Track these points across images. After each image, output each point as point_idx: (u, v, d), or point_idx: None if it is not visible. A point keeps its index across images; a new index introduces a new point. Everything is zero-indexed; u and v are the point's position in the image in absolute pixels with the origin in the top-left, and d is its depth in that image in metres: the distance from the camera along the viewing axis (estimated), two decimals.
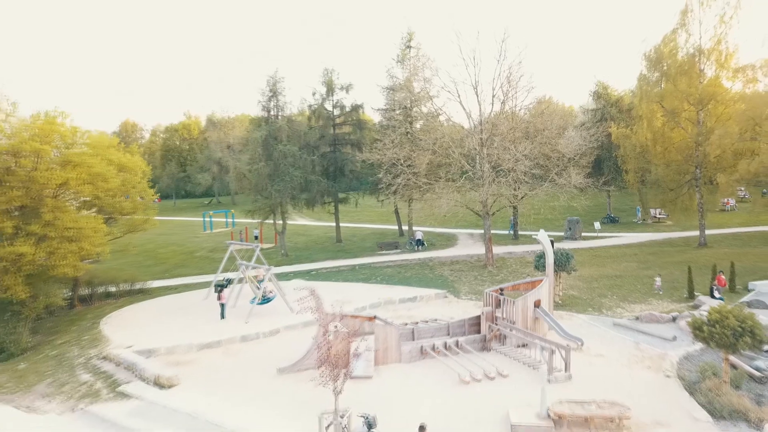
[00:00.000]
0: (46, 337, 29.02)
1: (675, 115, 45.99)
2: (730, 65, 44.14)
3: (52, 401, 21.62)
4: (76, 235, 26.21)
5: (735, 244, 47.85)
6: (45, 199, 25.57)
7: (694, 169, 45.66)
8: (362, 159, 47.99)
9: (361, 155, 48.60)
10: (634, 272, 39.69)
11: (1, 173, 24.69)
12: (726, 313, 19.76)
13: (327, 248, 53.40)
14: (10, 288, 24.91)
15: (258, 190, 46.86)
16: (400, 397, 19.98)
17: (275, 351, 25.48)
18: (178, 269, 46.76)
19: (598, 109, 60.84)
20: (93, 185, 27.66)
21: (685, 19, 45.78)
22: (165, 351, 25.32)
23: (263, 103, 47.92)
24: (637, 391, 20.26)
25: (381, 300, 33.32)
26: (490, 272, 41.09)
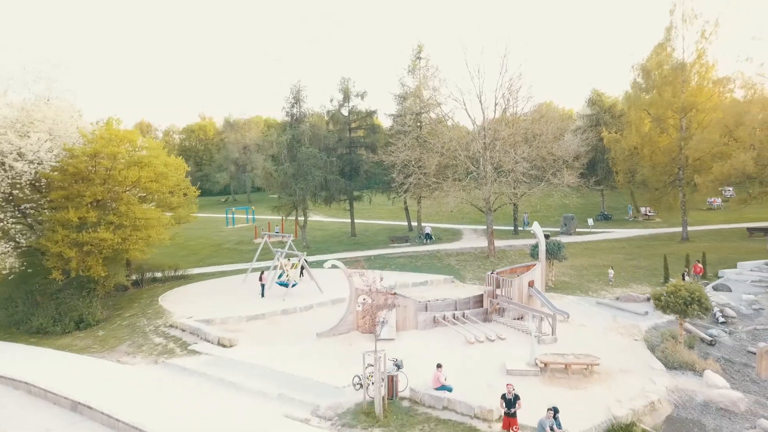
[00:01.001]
0: (113, 312, 34.08)
1: (661, 121, 50.89)
2: (710, 77, 49.03)
3: (136, 357, 26.72)
4: (145, 224, 31.25)
5: (715, 239, 52.70)
6: (120, 194, 30.59)
7: (677, 171, 50.52)
8: (378, 160, 52.92)
9: (376, 157, 53.57)
10: (620, 263, 44.56)
11: (86, 172, 29.68)
12: (680, 287, 24.78)
13: (343, 241, 58.46)
14: (91, 267, 29.97)
15: (283, 188, 51.82)
16: (419, 353, 24.97)
17: (311, 321, 30.52)
18: (210, 259, 51.82)
19: (593, 114, 65.63)
20: (157, 183, 32.74)
21: (669, 34, 50.67)
22: (219, 321, 30.37)
23: (287, 110, 52.99)
24: (610, 351, 25.22)
25: (396, 283, 38.28)
26: (492, 262, 46.05)
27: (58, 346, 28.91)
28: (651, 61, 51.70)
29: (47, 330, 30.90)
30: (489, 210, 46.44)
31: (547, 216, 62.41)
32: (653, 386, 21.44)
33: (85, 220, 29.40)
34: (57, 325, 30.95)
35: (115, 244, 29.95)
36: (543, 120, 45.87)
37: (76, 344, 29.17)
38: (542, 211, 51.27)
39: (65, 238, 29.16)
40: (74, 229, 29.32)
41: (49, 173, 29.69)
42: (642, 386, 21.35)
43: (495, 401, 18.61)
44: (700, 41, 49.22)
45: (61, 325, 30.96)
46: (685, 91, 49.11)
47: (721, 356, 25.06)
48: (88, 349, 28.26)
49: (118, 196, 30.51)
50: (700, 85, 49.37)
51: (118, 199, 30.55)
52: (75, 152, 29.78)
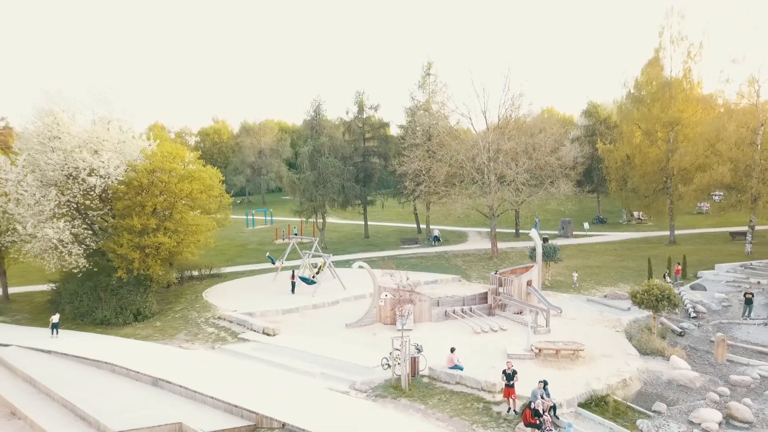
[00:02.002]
0: (164, 306, 38.98)
1: (650, 134, 55.61)
2: (694, 95, 53.73)
3: (194, 344, 31.63)
4: (195, 230, 36.15)
5: (699, 242, 57.46)
6: (176, 203, 35.44)
7: (665, 180, 55.23)
8: (391, 170, 57.84)
9: (390, 166, 58.48)
10: (611, 264, 49.42)
11: (147, 185, 34.51)
12: (652, 286, 29.58)
13: (357, 243, 63.40)
14: (150, 267, 34.88)
15: (304, 194, 56.74)
16: (434, 340, 29.81)
17: (338, 314, 35.44)
18: (238, 258, 56.76)
19: (589, 125, 70.30)
20: (206, 194, 37.62)
21: (658, 54, 55.35)
22: (260, 314, 35.26)
23: (308, 122, 57.89)
24: (595, 339, 30.00)
25: (411, 281, 43.10)
26: (495, 262, 50.93)
27: (123, 335, 33.79)
28: (641, 79, 56.44)
29: (110, 321, 35.79)
30: (492, 215, 51.24)
31: (545, 220, 67.15)
32: (627, 368, 26.21)
33: (147, 226, 34.28)
34: (119, 317, 35.84)
35: (171, 247, 34.86)
36: (542, 134, 50.45)
37: (139, 333, 34.08)
38: (541, 215, 55.99)
39: (129, 242, 34.06)
40: (137, 234, 34.22)
41: (116, 186, 34.60)
42: (618, 367, 26.12)
43: (498, 378, 23.41)
44: (686, 61, 53.96)
45: (122, 317, 35.84)
46: (672, 107, 53.77)
47: (687, 345, 29.84)
48: (151, 337, 33.17)
49: (174, 206, 35.37)
50: (685, 101, 54.02)
51: (174, 208, 35.42)
52: (138, 168, 34.68)
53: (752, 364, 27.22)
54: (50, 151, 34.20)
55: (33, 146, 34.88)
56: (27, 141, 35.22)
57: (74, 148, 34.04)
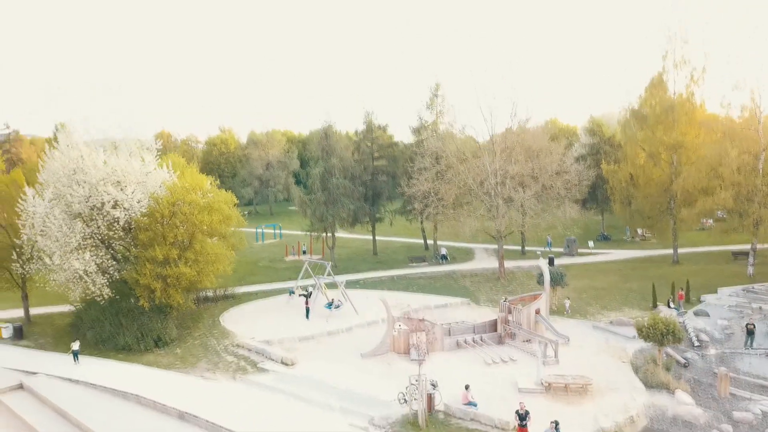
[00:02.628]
0: (183, 331, 40.19)
1: (654, 156, 56.74)
2: (696, 118, 54.85)
3: (216, 373, 32.84)
4: (215, 259, 37.42)
5: (702, 261, 58.57)
6: (196, 234, 36.68)
7: (669, 201, 56.34)
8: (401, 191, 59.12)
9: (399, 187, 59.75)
10: (616, 285, 50.56)
11: (169, 216, 35.80)
12: (658, 320, 30.74)
13: (367, 260, 64.62)
14: (171, 296, 36.14)
15: (315, 214, 57.99)
16: (447, 372, 30.99)
17: (353, 342, 36.62)
18: (250, 277, 57.94)
19: (594, 143, 71.35)
20: (225, 224, 38.87)
21: (662, 78, 56.50)
22: (277, 341, 36.47)
23: (318, 144, 59.16)
24: (602, 371, 31.18)
25: (421, 305, 44.40)
26: (502, 284, 52.11)
27: (145, 363, 34.98)
28: (645, 102, 57.61)
29: (132, 348, 36.96)
30: (500, 237, 52.42)
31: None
32: (634, 403, 27.38)
33: (168, 256, 35.54)
34: (140, 344, 37.01)
35: (192, 276, 36.11)
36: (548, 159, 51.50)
37: (160, 361, 35.27)
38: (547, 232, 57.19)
39: (152, 272, 35.31)
40: (159, 265, 35.46)
41: (139, 218, 35.86)
42: (625, 403, 27.29)
43: (510, 413, 24.58)
44: (689, 84, 55.10)
45: (144, 344, 37.03)
46: (676, 130, 54.89)
47: (692, 377, 30.98)
48: (173, 366, 34.36)
49: (194, 236, 36.62)
50: (688, 124, 55.12)
51: (194, 238, 36.68)
52: (160, 200, 35.94)
53: (754, 399, 28.33)
54: (75, 184, 35.44)
55: (59, 179, 36.13)
56: (53, 174, 36.47)
57: (99, 182, 35.29)
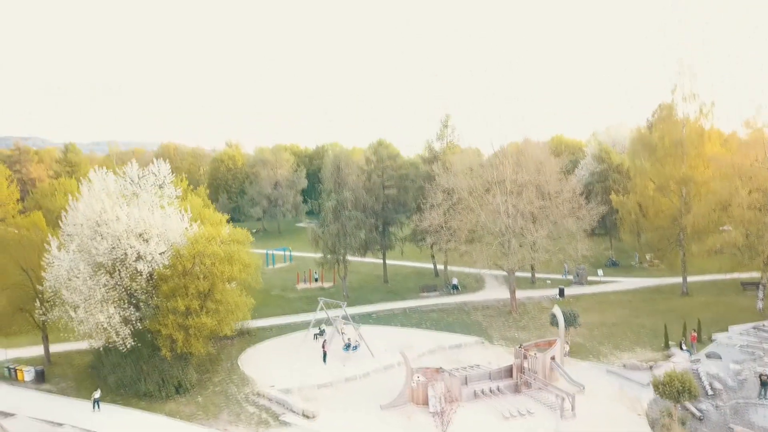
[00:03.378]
0: (201, 376, 40.83)
1: (663, 188, 57.24)
2: (706, 152, 55.33)
3: (239, 426, 33.46)
4: (235, 308, 38.12)
5: (711, 292, 59.03)
6: (217, 284, 37.36)
7: (678, 233, 56.80)
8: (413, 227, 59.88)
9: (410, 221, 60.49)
10: (627, 320, 51.08)
11: (191, 267, 36.44)
12: (674, 377, 31.29)
13: (377, 288, 65.24)
14: (193, 346, 36.81)
15: (328, 246, 58.67)
16: (466, 426, 31.58)
17: (371, 390, 37.24)
18: (262, 309, 58.29)
19: (602, 171, 71.78)
20: (245, 273, 39.57)
21: (671, 111, 57.02)
22: (297, 390, 37.09)
23: (331, 176, 59.88)
24: (617, 424, 31.75)
25: (435, 346, 44.98)
26: (514, 318, 52.66)
27: (167, 412, 35.57)
28: (654, 134, 58.15)
29: (153, 394, 37.62)
30: (512, 272, 52.96)
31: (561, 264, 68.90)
32: None
33: (190, 307, 36.22)
34: (161, 390, 37.66)
35: (213, 326, 36.80)
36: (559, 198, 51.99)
37: (182, 410, 35.87)
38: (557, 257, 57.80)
39: (174, 323, 36.00)
40: (181, 316, 36.13)
41: (162, 271, 36.54)
42: None
43: None
44: (698, 118, 55.60)
45: (165, 391, 37.66)
46: (685, 163, 55.39)
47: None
48: (195, 417, 34.97)
49: (215, 286, 37.31)
50: (697, 158, 55.60)
51: (215, 288, 37.37)
52: (182, 252, 36.62)
53: None
54: (99, 236, 36.11)
55: (83, 230, 36.81)
56: (77, 226, 37.13)
57: (122, 234, 35.95)
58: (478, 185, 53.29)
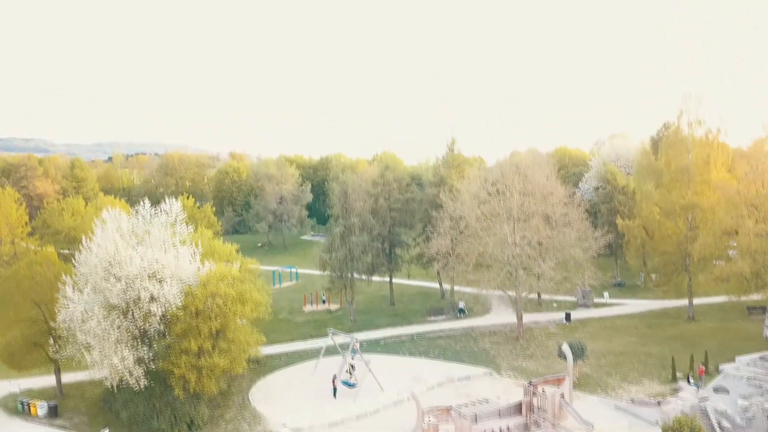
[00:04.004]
0: (213, 411, 41.16)
1: (669, 214, 57.50)
2: (710, 179, 55.57)
3: None
4: (247, 345, 38.56)
5: (717, 316, 59.30)
6: (229, 324, 37.77)
7: (684, 258, 57.03)
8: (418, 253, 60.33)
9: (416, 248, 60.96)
10: (634, 348, 51.34)
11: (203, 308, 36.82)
12: (683, 423, 31.62)
13: (384, 311, 65.66)
14: (206, 385, 37.23)
15: (335, 271, 59.12)
16: None
17: (383, 427, 37.66)
18: (271, 334, 58.48)
19: (607, 192, 71.96)
20: (256, 311, 40.01)
21: (676, 137, 57.29)
22: (308, 428, 37.50)
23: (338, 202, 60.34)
24: None
25: (444, 378, 45.34)
26: (522, 345, 52.99)
27: None
28: (659, 160, 58.46)
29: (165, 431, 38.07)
30: (519, 299, 53.32)
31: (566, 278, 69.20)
32: None
33: (202, 347, 36.63)
34: (174, 428, 38.09)
35: (225, 366, 37.23)
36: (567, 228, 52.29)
37: None
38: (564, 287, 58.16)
39: (187, 363, 36.41)
40: (194, 356, 36.54)
41: (175, 312, 36.96)
42: None
43: None
44: (703, 146, 55.82)
45: (177, 428, 38.09)
46: (691, 189, 55.62)
47: None
48: None
49: (227, 326, 37.73)
50: (703, 184, 55.83)
51: (227, 328, 37.79)
52: (194, 293, 37.02)
53: None
54: (113, 278, 36.51)
55: (97, 272, 37.22)
56: (91, 268, 37.53)
57: (135, 277, 36.37)
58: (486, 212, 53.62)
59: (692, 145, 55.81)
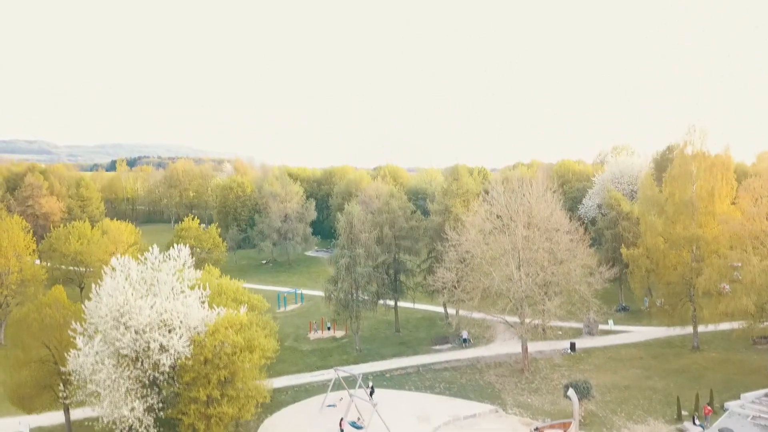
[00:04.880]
0: None
1: (674, 244, 57.68)
2: (714, 211, 55.73)
3: None
4: (255, 393, 38.94)
5: (722, 346, 59.42)
6: (237, 372, 38.15)
7: (689, 290, 57.17)
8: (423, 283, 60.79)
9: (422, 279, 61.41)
10: (638, 381, 51.57)
11: (211, 357, 37.20)
12: None
13: (389, 338, 66.07)
14: None
15: (340, 302, 59.54)
16: None
17: None
18: (277, 365, 58.99)
19: (612, 218, 72.03)
20: (264, 358, 40.49)
21: (680, 170, 57.46)
22: None
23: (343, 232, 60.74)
24: None
25: (450, 417, 45.60)
26: (527, 379, 53.27)
27: None
28: (664, 191, 58.73)
29: None
30: (524, 333, 53.62)
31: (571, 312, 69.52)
32: None
33: (211, 395, 37.00)
34: None
35: (234, 413, 37.61)
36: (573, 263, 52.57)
37: None
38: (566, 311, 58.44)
39: (195, 412, 36.78)
40: (202, 404, 36.91)
41: (184, 362, 37.36)
42: None
43: None
44: (708, 178, 55.98)
45: None
46: (695, 221, 55.80)
47: None
48: None
49: (236, 374, 38.11)
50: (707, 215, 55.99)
51: (236, 376, 38.16)
52: (203, 343, 37.41)
53: None
54: (123, 327, 36.91)
55: (107, 321, 37.61)
56: (101, 319, 37.91)
57: (145, 327, 36.76)
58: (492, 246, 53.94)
59: (696, 177, 56.03)
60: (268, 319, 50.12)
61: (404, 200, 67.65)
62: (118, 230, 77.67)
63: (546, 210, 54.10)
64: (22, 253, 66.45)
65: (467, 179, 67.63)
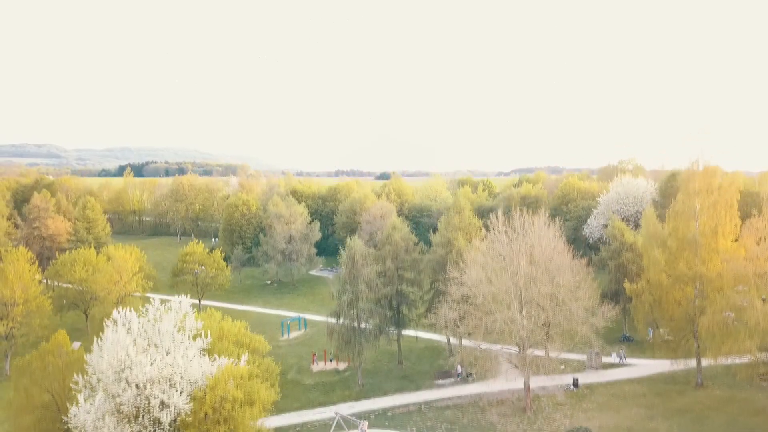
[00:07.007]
0: None
1: (677, 280, 57.42)
2: (718, 248, 55.42)
3: None
4: None
5: (726, 382, 58.88)
6: (238, 427, 38.30)
7: (693, 327, 56.88)
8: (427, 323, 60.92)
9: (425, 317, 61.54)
10: (641, 423, 51.23)
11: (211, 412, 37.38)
12: None
13: (392, 371, 66.09)
14: None
15: (343, 338, 59.70)
16: None
17: None
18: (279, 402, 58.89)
19: (615, 248, 71.70)
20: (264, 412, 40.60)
21: (683, 207, 57.21)
22: None
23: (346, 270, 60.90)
24: None
25: None
26: (529, 419, 53.11)
27: None
28: (666, 227, 58.53)
29: None
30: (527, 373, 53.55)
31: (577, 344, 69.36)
32: None
33: None
34: None
35: None
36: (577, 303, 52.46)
37: None
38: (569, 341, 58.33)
39: None
40: None
41: (184, 418, 37.50)
42: None
43: None
44: (712, 216, 55.68)
45: None
46: (698, 257, 55.49)
47: None
48: None
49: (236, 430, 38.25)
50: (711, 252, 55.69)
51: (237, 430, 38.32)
52: (203, 398, 37.54)
53: None
54: (125, 382, 37.12)
55: (108, 375, 37.83)
56: (102, 374, 38.13)
57: (146, 382, 36.95)
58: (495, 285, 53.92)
59: (700, 214, 55.78)
60: (269, 363, 50.25)
61: (407, 231, 67.58)
62: (123, 259, 77.98)
63: (548, 247, 54.03)
64: (27, 284, 67.00)
65: (469, 214, 67.51)
